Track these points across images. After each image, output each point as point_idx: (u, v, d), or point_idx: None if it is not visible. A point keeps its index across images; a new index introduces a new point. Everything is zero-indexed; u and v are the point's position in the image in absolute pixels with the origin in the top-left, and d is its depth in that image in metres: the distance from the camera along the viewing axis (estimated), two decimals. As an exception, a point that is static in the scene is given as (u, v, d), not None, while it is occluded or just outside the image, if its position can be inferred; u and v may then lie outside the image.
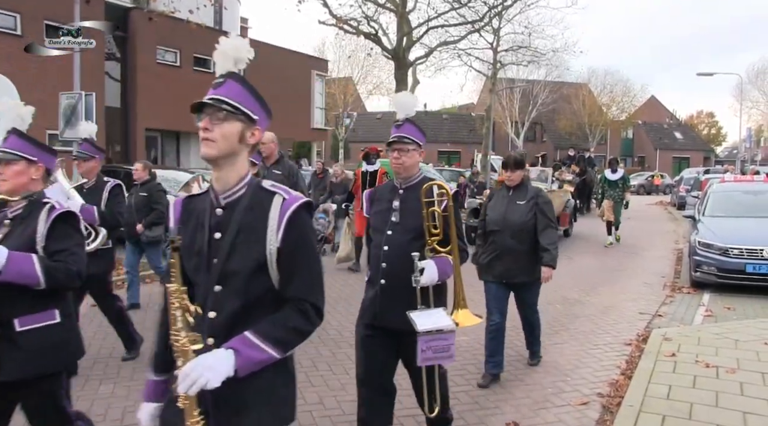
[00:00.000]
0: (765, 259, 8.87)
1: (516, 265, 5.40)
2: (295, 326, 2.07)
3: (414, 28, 22.90)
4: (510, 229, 5.38)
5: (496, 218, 5.48)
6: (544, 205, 5.44)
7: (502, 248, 5.42)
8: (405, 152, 3.60)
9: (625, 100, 58.47)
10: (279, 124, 30.84)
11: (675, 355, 5.90)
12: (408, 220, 3.59)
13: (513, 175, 5.47)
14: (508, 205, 5.46)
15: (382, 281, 3.59)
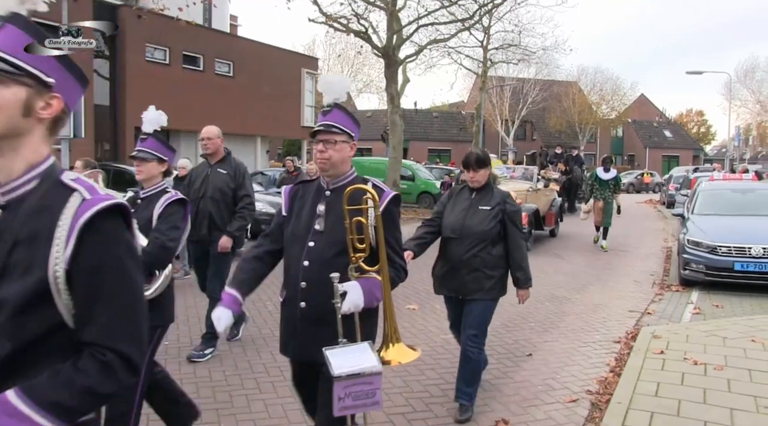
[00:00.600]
0: (753, 257, 8.93)
1: (472, 281, 4.56)
2: (86, 386, 1.40)
3: (404, 26, 22.88)
4: (469, 238, 4.57)
5: (454, 224, 4.67)
6: (514, 212, 4.65)
7: (459, 260, 4.60)
8: (332, 144, 2.97)
9: (615, 99, 58.79)
10: (269, 122, 30.94)
11: (664, 353, 5.93)
12: (335, 229, 2.92)
13: (476, 176, 4.63)
14: (468, 210, 4.65)
15: (302, 305, 2.93)
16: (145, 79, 22.73)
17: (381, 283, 2.85)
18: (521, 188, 14.40)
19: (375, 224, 2.85)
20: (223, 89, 26.22)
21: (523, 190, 14.32)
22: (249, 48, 28.47)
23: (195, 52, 25.38)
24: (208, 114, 25.09)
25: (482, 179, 4.68)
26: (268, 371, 5.59)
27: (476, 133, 32.70)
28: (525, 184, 15.28)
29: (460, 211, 4.71)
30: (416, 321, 7.42)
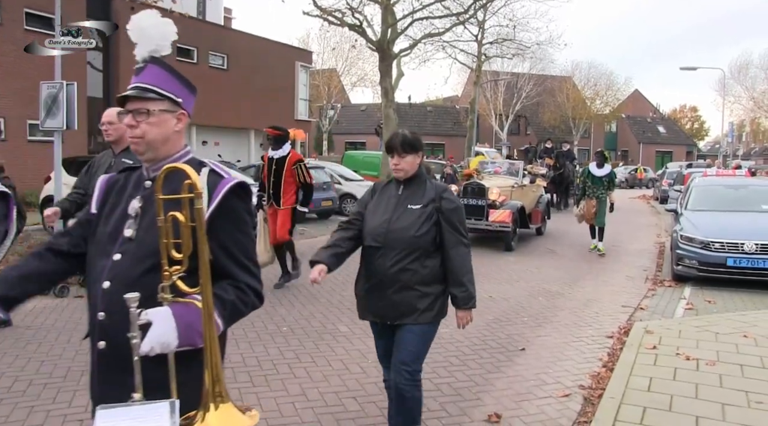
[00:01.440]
0: (746, 253, 8.96)
1: (402, 302, 3.59)
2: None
3: (399, 20, 22.84)
4: (396, 246, 3.57)
5: (376, 229, 3.63)
6: (452, 211, 3.63)
7: (383, 275, 3.60)
8: (145, 115, 2.11)
9: (608, 94, 58.87)
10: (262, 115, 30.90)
11: (656, 348, 5.95)
12: (149, 235, 2.01)
13: (401, 163, 3.64)
14: (395, 210, 3.64)
15: (100, 345, 2.05)
16: (138, 72, 22.59)
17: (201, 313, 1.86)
18: (506, 184, 13.96)
19: (195, 225, 1.87)
20: (216, 82, 26.12)
21: (507, 186, 13.89)
22: (243, 41, 28.37)
23: (189, 44, 25.25)
24: (202, 107, 24.97)
25: (409, 167, 3.65)
26: (260, 365, 5.59)
27: (470, 127, 32.71)
28: (510, 180, 14.60)
29: (383, 212, 3.68)
30: (409, 315, 7.41)
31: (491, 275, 10.07)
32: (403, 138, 3.66)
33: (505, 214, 12.57)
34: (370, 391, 5.01)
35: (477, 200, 12.89)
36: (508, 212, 12.69)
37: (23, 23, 18.63)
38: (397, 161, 3.66)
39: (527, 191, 14.83)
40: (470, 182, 13.36)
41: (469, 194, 13.02)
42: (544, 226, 15.63)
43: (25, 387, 4.96)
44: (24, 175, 17.85)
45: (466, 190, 13.14)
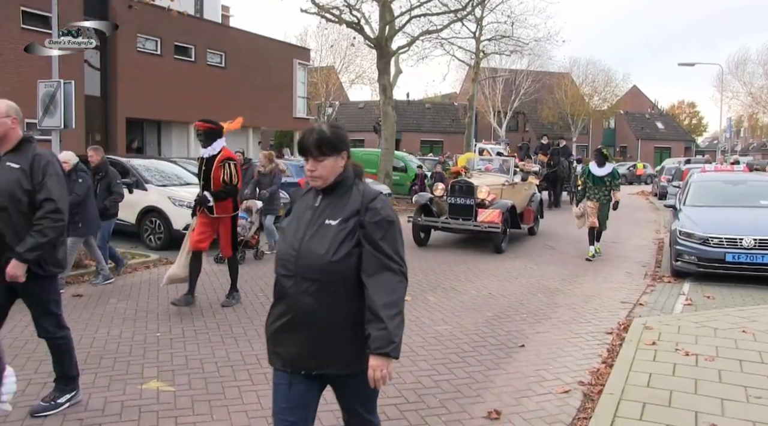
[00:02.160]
0: (744, 248, 8.96)
1: (325, 344, 2.78)
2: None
3: (396, 17, 22.82)
4: (308, 274, 2.74)
5: (286, 252, 2.84)
6: (376, 225, 2.74)
7: (298, 309, 2.78)
8: None
9: (607, 90, 58.88)
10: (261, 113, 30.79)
11: (655, 344, 5.95)
12: None
13: (318, 168, 2.80)
14: (309, 227, 2.81)
15: None
16: (136, 70, 22.60)
17: None
18: (496, 182, 13.33)
19: None
20: (214, 80, 26.09)
21: (498, 184, 13.25)
22: (241, 38, 28.33)
23: (187, 42, 25.23)
24: (200, 105, 25.00)
25: (328, 173, 2.80)
26: (260, 363, 5.58)
27: (468, 124, 32.71)
28: (500, 178, 13.86)
29: (296, 231, 2.85)
30: (409, 312, 7.39)
31: (490, 272, 10.07)
32: (318, 136, 2.78)
33: (494, 214, 11.92)
34: (369, 389, 5.00)
35: (465, 199, 12.34)
36: (498, 212, 12.01)
37: (20, 22, 18.60)
38: (312, 166, 2.79)
39: (519, 189, 14.21)
40: (458, 180, 12.73)
41: (457, 193, 12.50)
42: (537, 225, 15.01)
43: (24, 387, 4.95)
44: (22, 174, 17.83)
45: (454, 188, 12.59)
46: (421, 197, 13.05)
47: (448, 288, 8.84)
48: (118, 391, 4.87)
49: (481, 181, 12.88)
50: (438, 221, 12.48)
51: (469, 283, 9.18)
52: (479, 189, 12.36)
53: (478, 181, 12.78)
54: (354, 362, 2.78)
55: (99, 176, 8.91)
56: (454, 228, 12.50)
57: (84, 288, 8.39)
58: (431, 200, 12.75)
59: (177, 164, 14.08)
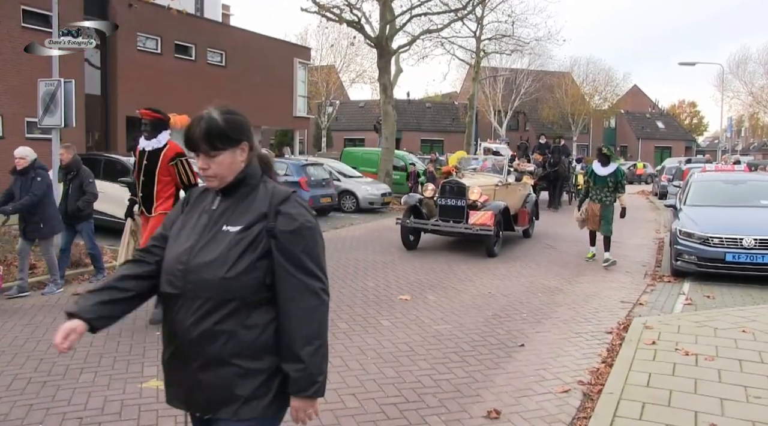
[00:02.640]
0: (744, 248, 8.96)
1: (212, 384, 2.24)
2: None
3: (397, 16, 22.82)
4: (198, 292, 2.21)
5: (173, 264, 2.28)
6: (292, 234, 2.22)
7: (183, 338, 2.24)
8: None
9: (607, 90, 58.86)
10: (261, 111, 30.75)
11: (655, 343, 5.95)
12: None
13: (212, 165, 2.27)
14: (203, 234, 2.28)
15: None
16: (136, 69, 22.59)
17: None
18: (489, 183, 12.76)
19: None
20: (215, 79, 26.08)
21: (490, 184, 12.68)
22: (241, 37, 28.32)
23: (187, 41, 25.22)
24: (200, 104, 24.61)
25: (225, 171, 2.27)
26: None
27: (469, 123, 32.70)
28: (493, 178, 13.28)
29: (187, 238, 2.29)
30: (409, 311, 7.42)
31: (490, 271, 10.07)
32: (208, 126, 2.23)
33: (486, 216, 11.38)
34: (369, 388, 5.01)
35: (456, 200, 11.81)
36: (490, 214, 11.44)
37: (20, 20, 18.58)
38: (204, 163, 2.25)
39: (513, 190, 13.55)
40: (449, 180, 12.25)
41: (448, 194, 11.95)
42: (532, 227, 14.41)
43: (24, 385, 4.96)
44: (22, 173, 17.83)
45: (444, 189, 12.06)
46: (410, 198, 12.58)
47: (448, 287, 8.84)
48: (118, 390, 4.87)
49: (473, 182, 12.39)
50: (428, 223, 11.96)
51: (469, 282, 9.18)
52: (471, 190, 11.83)
53: (470, 182, 12.30)
54: (245, 405, 2.20)
55: (70, 176, 8.51)
56: (445, 230, 11.96)
57: (84, 287, 8.38)
58: (421, 201, 12.33)
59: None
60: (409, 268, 10.14)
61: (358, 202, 19.11)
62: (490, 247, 11.46)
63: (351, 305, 7.67)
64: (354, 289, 8.58)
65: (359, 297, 8.11)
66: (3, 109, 18.19)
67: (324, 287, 2.26)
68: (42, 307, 7.29)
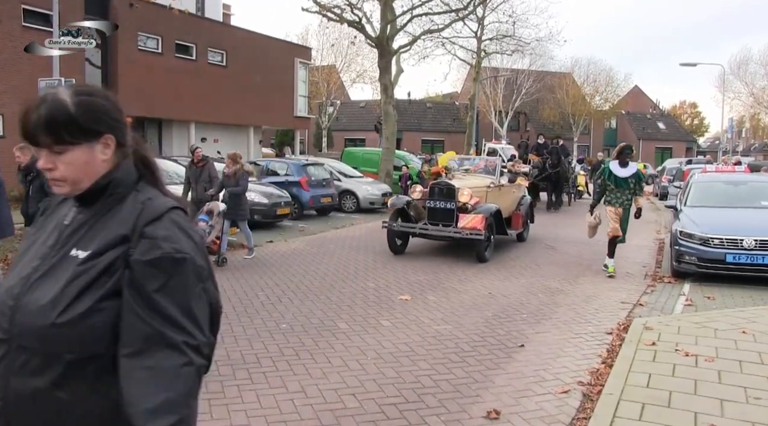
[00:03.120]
0: (745, 249, 8.95)
1: None
2: None
3: (398, 16, 22.84)
4: (25, 336, 1.54)
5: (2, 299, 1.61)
6: (152, 269, 1.52)
7: (8, 397, 1.55)
8: None
9: (608, 90, 58.83)
10: (262, 111, 30.75)
11: (655, 344, 5.95)
12: None
13: (59, 165, 1.62)
14: (46, 257, 1.62)
15: None
16: (137, 68, 22.59)
17: None
18: (480, 184, 12.16)
19: None
20: (215, 79, 26.09)
21: (482, 186, 12.08)
22: (242, 37, 28.32)
23: (187, 41, 25.22)
24: (201, 103, 25.07)
25: (75, 174, 1.64)
26: (260, 361, 5.59)
27: (470, 123, 32.74)
28: (485, 179, 12.63)
29: (29, 262, 1.66)
30: (408, 312, 7.42)
31: (490, 271, 10.07)
32: (50, 112, 1.61)
33: (476, 220, 10.78)
34: (369, 388, 5.01)
35: (445, 203, 11.24)
36: (481, 217, 10.86)
37: (21, 20, 18.60)
38: (48, 162, 1.63)
39: (506, 192, 12.98)
40: (438, 182, 11.74)
41: (437, 196, 11.39)
42: (527, 231, 13.85)
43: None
44: (23, 173, 17.85)
45: (433, 190, 11.51)
46: (398, 200, 11.99)
47: (448, 287, 8.84)
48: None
49: (463, 183, 11.78)
50: (415, 227, 11.37)
51: (469, 283, 9.18)
52: (461, 192, 11.21)
53: (460, 183, 11.69)
54: None
55: (30, 177, 8.32)
56: (433, 234, 11.46)
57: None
58: (409, 204, 11.74)
59: (178, 162, 14.07)
60: (409, 269, 10.14)
61: (359, 202, 19.12)
62: (480, 252, 10.89)
63: (351, 305, 7.68)
64: (354, 289, 8.58)
65: (359, 297, 8.11)
66: (3, 108, 18.19)
67: (191, 342, 1.54)
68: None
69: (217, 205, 10.08)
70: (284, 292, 8.28)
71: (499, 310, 7.63)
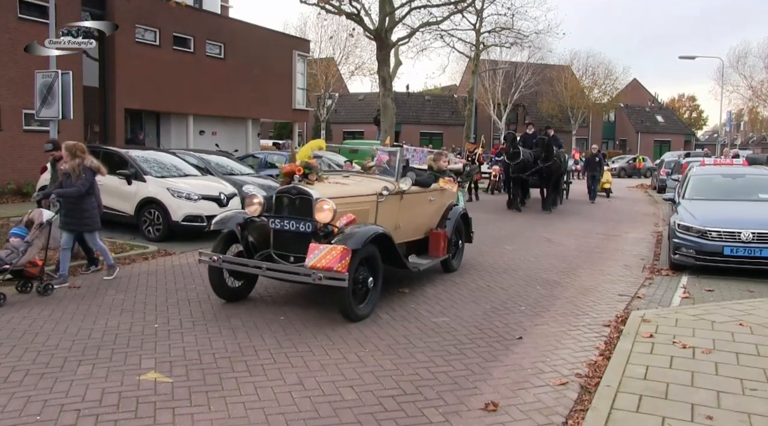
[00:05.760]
0: (743, 241, 8.96)
1: None
2: None
3: (396, 9, 22.80)
4: None
5: None
6: None
7: None
8: None
9: (607, 83, 58.88)
10: (260, 104, 30.75)
11: (653, 337, 5.96)
12: None
13: None
14: None
15: None
16: (135, 61, 22.51)
17: None
18: (361, 192, 7.66)
19: None
20: (213, 71, 26.01)
21: (365, 195, 7.60)
22: (240, 29, 28.22)
23: (185, 33, 25.12)
24: (199, 96, 24.99)
25: None
26: (257, 354, 5.59)
27: (468, 116, 32.69)
28: (378, 184, 7.94)
29: None
30: (407, 304, 7.43)
31: (488, 264, 10.07)
32: None
33: (332, 255, 6.31)
34: (367, 381, 5.02)
35: (297, 223, 6.84)
36: (340, 250, 6.32)
37: (17, 11, 18.51)
38: None
39: (414, 202, 8.48)
40: (288, 188, 7.10)
41: (285, 210, 7.01)
42: (459, 257, 9.71)
43: (21, 377, 4.96)
44: (20, 166, 17.81)
45: (280, 203, 7.07)
46: (227, 219, 7.37)
47: (447, 280, 8.84)
48: (116, 383, 4.87)
49: (329, 191, 7.16)
50: (248, 263, 6.90)
51: (468, 275, 9.18)
52: (318, 205, 6.75)
53: (322, 191, 7.05)
54: None
55: None
56: (273, 276, 6.94)
57: (81, 279, 8.38)
58: (245, 224, 7.26)
59: (176, 155, 14.05)
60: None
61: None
62: (343, 307, 6.58)
63: (349, 298, 7.66)
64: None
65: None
66: (0, 101, 18.14)
67: None
68: (40, 301, 7.29)
69: (40, 213, 7.72)
70: (282, 285, 8.14)
71: (498, 303, 7.64)
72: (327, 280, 6.29)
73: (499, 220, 15.87)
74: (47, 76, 10.03)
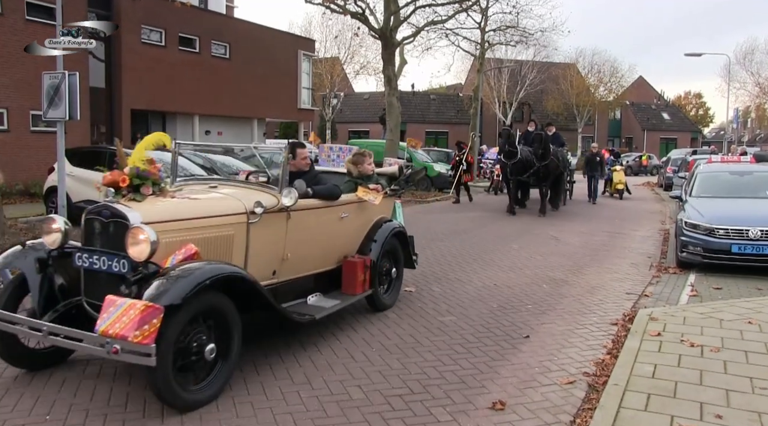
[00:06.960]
0: (750, 239, 8.93)
1: None
2: None
3: (401, 8, 22.75)
4: None
5: None
6: None
7: None
8: None
9: (612, 81, 58.64)
10: (265, 104, 30.79)
11: (661, 335, 5.94)
12: None
13: None
14: None
15: None
16: (140, 61, 22.59)
17: None
18: (220, 212, 5.22)
19: None
20: (219, 71, 26.07)
21: (225, 216, 5.23)
22: (245, 29, 28.28)
23: (191, 33, 25.20)
24: (204, 96, 25.06)
25: None
26: (265, 354, 5.59)
27: (473, 115, 32.62)
28: (253, 195, 5.55)
29: None
30: (413, 303, 7.42)
31: (495, 263, 10.06)
32: None
33: (129, 318, 4.01)
34: (374, 380, 5.02)
35: (110, 260, 4.59)
36: (140, 311, 3.99)
37: (24, 13, 18.59)
38: None
39: (316, 222, 6.24)
40: (99, 207, 4.83)
41: (96, 241, 4.79)
42: (396, 289, 7.42)
43: (16, 373, 4.97)
44: (28, 166, 17.89)
45: (91, 228, 4.84)
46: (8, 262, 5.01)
47: (453, 279, 8.84)
48: (124, 382, 4.88)
49: (156, 211, 4.87)
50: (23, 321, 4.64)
51: (474, 274, 9.18)
52: (132, 233, 4.47)
53: (150, 210, 4.83)
54: None
55: None
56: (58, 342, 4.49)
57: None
58: (45, 260, 4.97)
59: (181, 155, 14.06)
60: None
61: None
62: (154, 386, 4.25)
63: (356, 297, 7.66)
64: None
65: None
66: (8, 102, 18.22)
67: None
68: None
69: None
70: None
71: (504, 301, 7.63)
72: (126, 354, 4.02)
73: (504, 219, 15.84)
74: (54, 77, 10.06)
